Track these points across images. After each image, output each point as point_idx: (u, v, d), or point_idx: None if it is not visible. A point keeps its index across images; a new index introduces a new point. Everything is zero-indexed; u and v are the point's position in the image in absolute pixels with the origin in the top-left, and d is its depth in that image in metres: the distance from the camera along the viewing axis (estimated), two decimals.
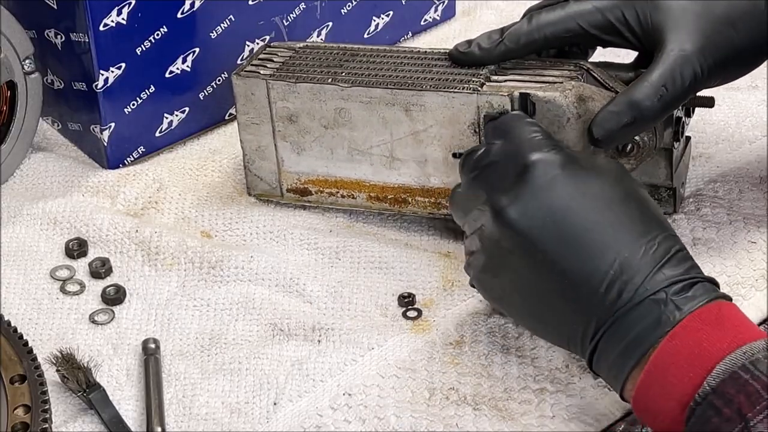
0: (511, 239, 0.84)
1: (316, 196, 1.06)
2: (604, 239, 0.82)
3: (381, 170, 1.02)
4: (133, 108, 1.12)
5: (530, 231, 0.83)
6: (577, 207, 0.83)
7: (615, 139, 0.93)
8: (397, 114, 0.99)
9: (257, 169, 1.06)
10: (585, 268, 0.81)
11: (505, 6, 1.34)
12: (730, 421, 0.73)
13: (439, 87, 0.97)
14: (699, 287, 0.80)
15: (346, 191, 1.04)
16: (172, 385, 0.91)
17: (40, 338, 0.96)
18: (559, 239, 0.83)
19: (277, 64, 1.04)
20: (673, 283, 0.80)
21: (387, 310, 0.97)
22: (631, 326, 0.79)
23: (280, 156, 1.05)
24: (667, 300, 0.79)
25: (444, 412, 0.88)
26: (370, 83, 0.99)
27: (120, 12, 1.07)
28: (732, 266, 0.99)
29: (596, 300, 0.81)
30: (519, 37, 0.97)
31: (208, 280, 1.01)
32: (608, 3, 0.95)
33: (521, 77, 0.97)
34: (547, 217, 0.83)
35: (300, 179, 1.05)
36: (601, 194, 0.84)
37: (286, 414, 0.89)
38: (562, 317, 0.83)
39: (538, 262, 0.83)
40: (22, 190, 1.12)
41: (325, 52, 1.04)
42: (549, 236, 0.83)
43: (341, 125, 1.01)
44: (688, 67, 0.91)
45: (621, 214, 0.83)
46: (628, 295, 0.80)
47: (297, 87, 1.00)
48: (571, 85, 0.94)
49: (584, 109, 0.94)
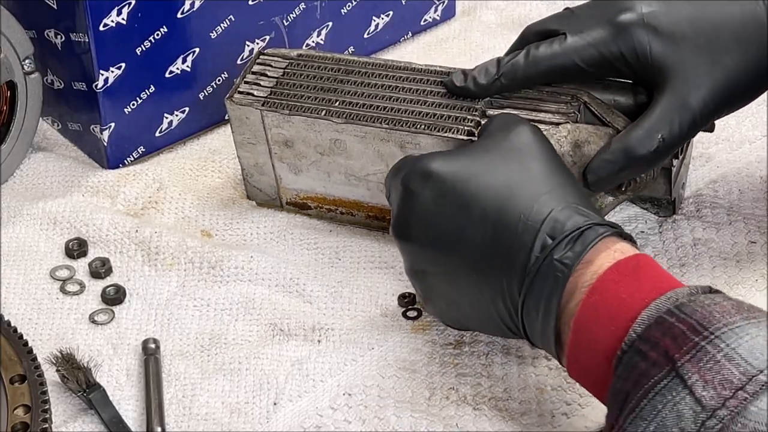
0: (433, 182, 0.85)
1: (316, 211, 1.06)
2: (510, 198, 0.83)
3: (378, 195, 1.01)
4: (133, 108, 1.12)
5: (450, 174, 0.85)
6: (489, 162, 0.85)
7: (610, 184, 0.94)
8: (392, 149, 0.98)
9: (256, 182, 1.06)
10: (511, 204, 0.83)
11: (505, 6, 1.34)
12: (657, 364, 0.72)
13: (434, 128, 0.96)
14: (589, 233, 0.80)
15: (345, 209, 1.04)
16: (172, 385, 0.91)
17: (40, 338, 0.96)
18: (479, 186, 0.84)
19: (271, 82, 1.02)
20: (561, 241, 0.80)
21: (387, 310, 0.97)
22: (539, 288, 0.80)
23: (278, 174, 1.04)
24: (560, 259, 0.79)
25: (444, 412, 0.88)
26: (364, 118, 0.98)
27: (120, 12, 1.07)
28: (732, 266, 0.99)
29: (509, 262, 0.82)
30: (515, 72, 0.95)
31: (208, 280, 1.01)
32: (605, 36, 0.92)
33: (516, 113, 0.95)
34: (464, 167, 0.85)
35: (299, 195, 1.05)
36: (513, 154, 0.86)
37: (286, 414, 0.89)
38: (485, 294, 0.83)
39: (461, 200, 0.84)
40: (22, 190, 1.12)
41: (320, 67, 1.03)
42: (467, 175, 0.84)
43: (337, 154, 1.00)
44: (687, 115, 0.90)
45: (526, 170, 0.85)
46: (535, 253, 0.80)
47: (291, 118, 1.00)
48: (567, 131, 0.93)
49: (580, 155, 0.93)
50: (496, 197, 0.83)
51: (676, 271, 0.98)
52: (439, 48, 1.28)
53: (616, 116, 0.95)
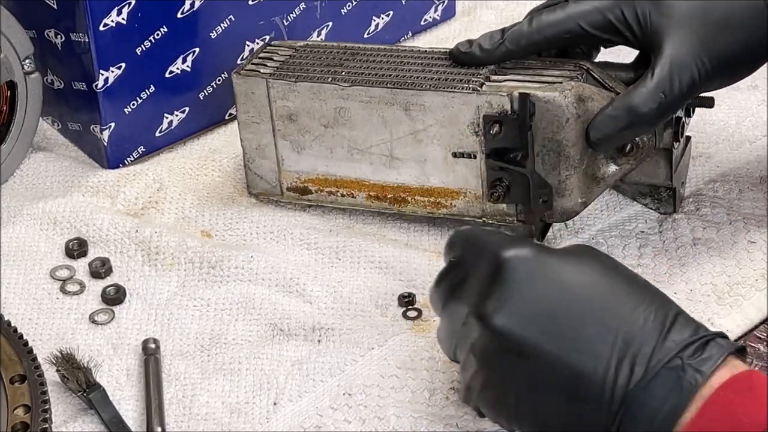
0: (505, 345, 0.77)
1: (316, 195, 1.06)
2: (598, 321, 0.76)
3: (380, 169, 1.02)
4: (133, 108, 1.12)
5: (521, 332, 0.77)
6: (562, 297, 0.77)
7: (612, 142, 0.94)
8: (397, 113, 0.99)
9: (257, 168, 1.06)
10: (586, 358, 0.75)
11: (505, 6, 1.34)
12: None
13: (439, 87, 0.97)
14: (713, 346, 0.75)
15: (345, 190, 1.04)
16: (172, 385, 0.91)
17: (40, 338, 0.96)
18: (553, 334, 0.76)
19: (278, 63, 1.04)
20: (685, 347, 0.74)
21: (387, 310, 0.97)
22: (651, 401, 0.73)
23: (280, 155, 1.05)
24: (684, 365, 0.73)
25: (444, 412, 0.88)
26: (369, 82, 0.99)
27: (120, 12, 1.07)
28: (732, 266, 0.99)
29: (608, 386, 0.74)
30: (520, 38, 0.97)
31: (208, 280, 1.01)
32: (608, 2, 0.95)
33: (521, 77, 0.97)
34: (534, 313, 0.77)
35: (300, 178, 1.05)
36: (583, 278, 0.78)
37: (286, 414, 0.89)
38: (577, 417, 0.76)
39: (539, 365, 0.76)
40: (22, 190, 1.12)
41: (326, 50, 1.04)
42: (542, 334, 0.76)
43: (341, 124, 1.01)
44: (686, 72, 0.91)
45: (607, 292, 0.78)
46: (641, 369, 0.74)
47: (297, 86, 1.00)
48: (571, 86, 0.94)
49: (584, 110, 0.94)
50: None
51: (676, 270, 0.98)
52: None
53: (618, 84, 0.97)
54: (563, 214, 0.98)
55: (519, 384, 0.78)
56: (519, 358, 0.77)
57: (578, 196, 0.97)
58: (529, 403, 0.78)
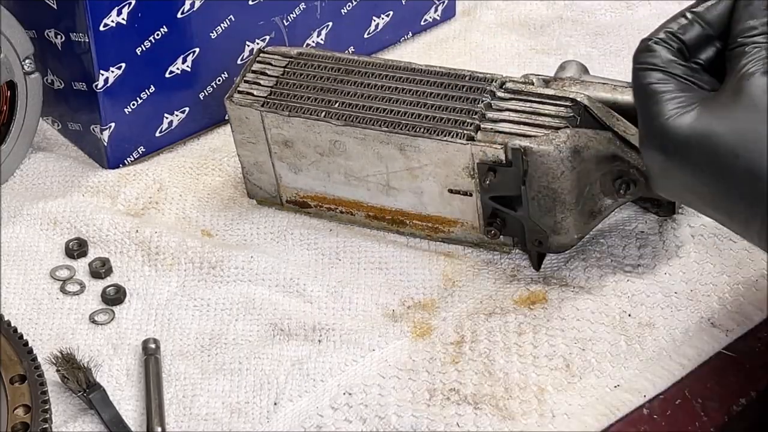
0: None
1: (316, 210, 1.06)
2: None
3: (378, 195, 1.02)
4: (133, 108, 1.12)
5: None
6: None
7: None
8: (392, 151, 0.98)
9: (256, 180, 1.06)
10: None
11: (505, 6, 1.34)
12: None
13: (433, 131, 0.96)
14: None
15: (344, 208, 1.04)
16: (172, 385, 0.91)
17: (40, 338, 0.96)
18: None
19: (271, 81, 1.02)
20: None
21: (387, 310, 0.97)
22: None
23: (278, 173, 1.04)
24: None
25: (445, 412, 0.88)
26: (363, 120, 0.98)
27: (120, 12, 1.07)
28: (732, 266, 0.99)
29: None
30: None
31: (208, 280, 1.01)
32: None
33: (516, 116, 0.95)
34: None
35: (299, 194, 1.05)
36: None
37: (287, 414, 0.89)
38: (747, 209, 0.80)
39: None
40: (22, 190, 1.12)
41: (319, 66, 1.03)
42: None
43: (336, 154, 1.00)
44: None
45: None
46: None
47: (290, 119, 1.00)
48: (566, 136, 0.93)
49: (579, 161, 0.94)
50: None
51: (676, 270, 0.98)
52: (439, 48, 1.28)
53: (615, 119, 0.96)
54: (559, 248, 0.99)
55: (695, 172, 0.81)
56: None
57: (574, 233, 0.97)
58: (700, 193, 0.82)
